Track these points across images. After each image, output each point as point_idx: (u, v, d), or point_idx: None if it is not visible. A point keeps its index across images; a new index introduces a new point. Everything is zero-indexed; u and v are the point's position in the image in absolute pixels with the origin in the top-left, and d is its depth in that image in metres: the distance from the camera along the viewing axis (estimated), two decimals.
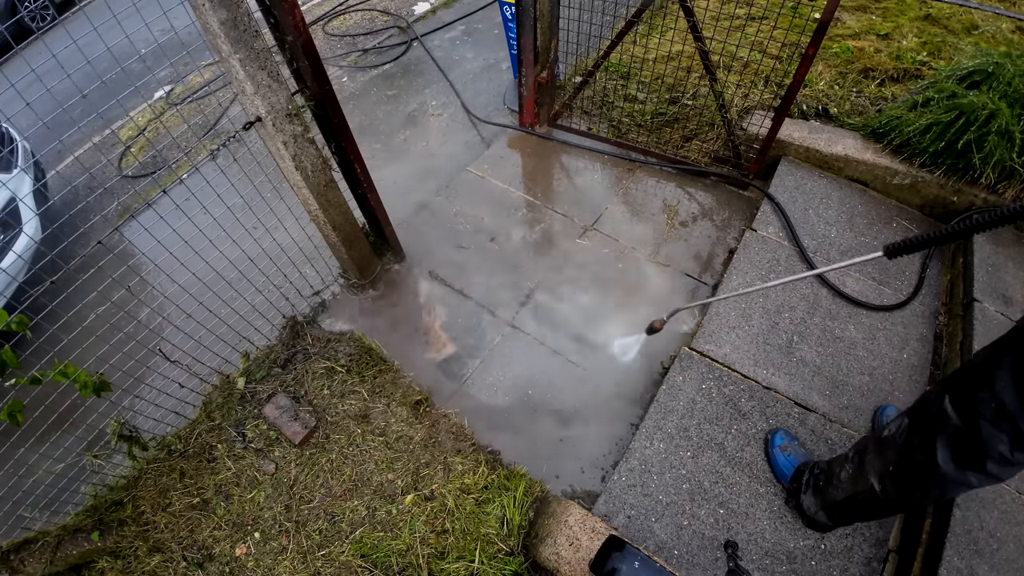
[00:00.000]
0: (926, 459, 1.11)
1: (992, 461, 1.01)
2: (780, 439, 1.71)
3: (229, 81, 1.54)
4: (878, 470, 1.26)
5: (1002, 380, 0.97)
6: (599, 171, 2.87)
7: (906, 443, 1.18)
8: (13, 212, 2.76)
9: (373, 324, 2.30)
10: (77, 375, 1.45)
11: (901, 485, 1.20)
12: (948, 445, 1.07)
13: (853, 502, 1.36)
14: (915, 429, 1.16)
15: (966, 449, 1.05)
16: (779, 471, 1.67)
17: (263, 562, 1.71)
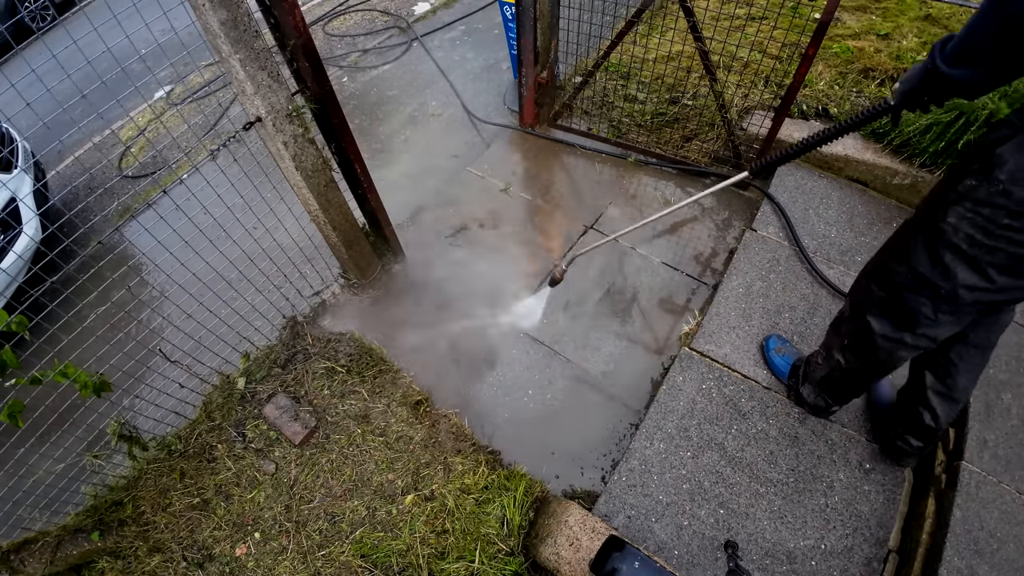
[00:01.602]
0: (866, 330, 1.32)
1: (920, 324, 1.20)
2: (774, 342, 1.90)
3: (229, 81, 1.54)
4: (839, 346, 1.48)
5: (915, 250, 1.15)
6: (599, 171, 2.87)
7: (850, 317, 1.40)
8: (13, 212, 2.76)
9: (373, 324, 2.30)
10: (77, 375, 1.45)
11: (857, 355, 1.41)
12: (879, 315, 1.29)
13: (831, 379, 1.56)
14: (853, 305, 1.39)
15: (896, 315, 1.25)
16: (778, 371, 1.85)
17: (263, 562, 1.71)
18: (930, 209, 1.12)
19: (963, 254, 1.06)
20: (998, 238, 1.00)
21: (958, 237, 1.05)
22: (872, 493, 1.62)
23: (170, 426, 1.98)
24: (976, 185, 1.02)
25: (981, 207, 1.01)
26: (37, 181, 3.10)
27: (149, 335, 1.80)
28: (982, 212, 1.00)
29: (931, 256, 1.11)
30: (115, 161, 3.68)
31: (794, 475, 1.67)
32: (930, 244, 1.11)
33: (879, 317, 1.29)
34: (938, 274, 1.11)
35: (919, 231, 1.14)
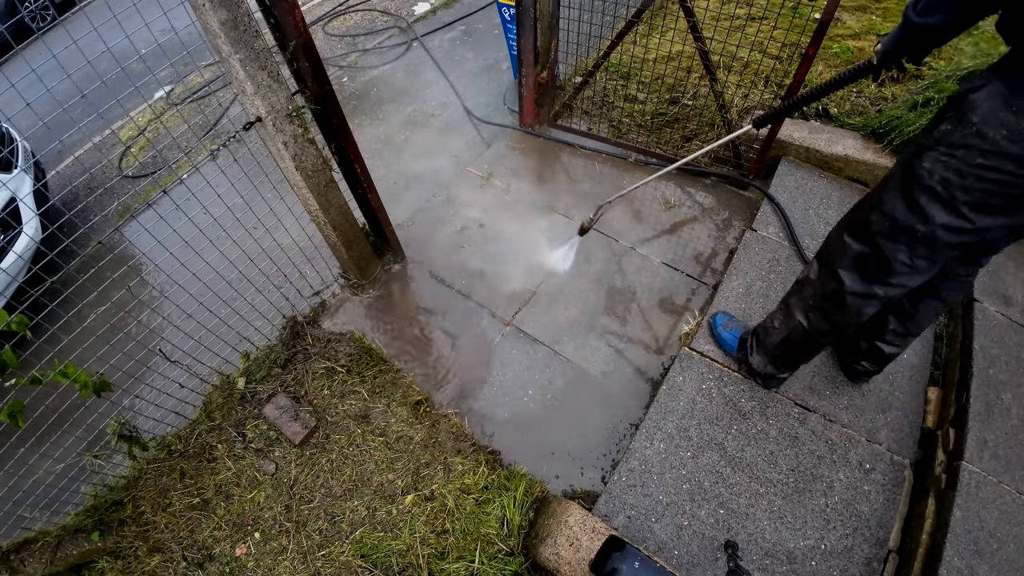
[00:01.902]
0: (837, 285, 1.36)
1: (895, 272, 1.26)
2: (721, 318, 1.97)
3: (229, 81, 1.54)
4: (802, 308, 1.51)
5: (890, 199, 1.21)
6: (599, 171, 2.87)
7: (818, 277, 1.43)
8: (13, 212, 2.76)
9: (373, 324, 2.30)
10: (77, 375, 1.45)
11: (823, 313, 1.45)
12: (851, 268, 1.33)
13: (789, 342, 1.60)
14: (823, 264, 1.42)
15: (869, 266, 1.29)
16: (727, 345, 1.92)
17: (263, 562, 1.71)
18: (906, 159, 1.19)
19: (938, 196, 1.12)
20: (971, 177, 1.06)
21: (933, 180, 1.12)
22: (872, 493, 1.62)
23: (170, 426, 1.98)
24: (951, 129, 1.09)
25: (955, 149, 1.07)
26: (37, 181, 3.10)
27: (149, 335, 1.79)
28: (956, 154, 1.07)
29: (907, 201, 1.17)
30: (115, 161, 3.68)
31: (794, 475, 1.67)
32: (906, 190, 1.17)
33: (850, 271, 1.33)
34: (915, 217, 1.17)
35: (894, 181, 1.21)
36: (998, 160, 1.03)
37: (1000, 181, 1.05)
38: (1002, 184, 1.05)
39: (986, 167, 1.05)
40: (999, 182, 1.05)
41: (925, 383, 1.86)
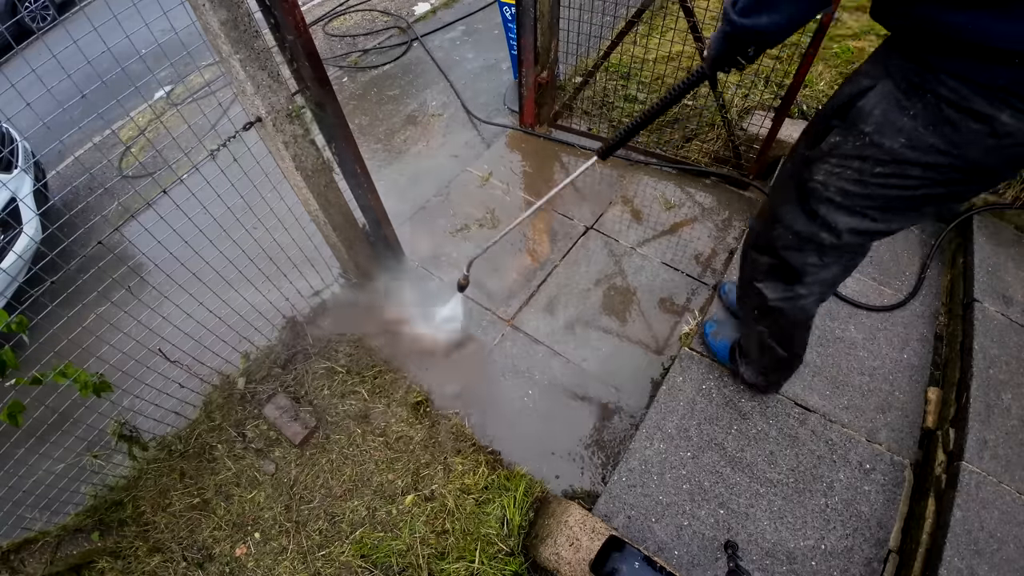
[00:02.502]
0: (760, 298, 1.36)
1: (808, 274, 1.23)
2: (711, 326, 1.93)
3: (229, 81, 1.54)
4: (752, 319, 1.50)
5: (788, 214, 1.16)
6: (599, 171, 2.87)
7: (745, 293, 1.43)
8: (13, 212, 2.76)
9: (373, 324, 2.30)
10: (77, 375, 1.45)
11: (773, 323, 1.44)
12: (767, 280, 1.31)
13: (768, 357, 1.57)
14: (744, 283, 1.41)
15: (784, 274, 1.27)
16: (718, 354, 1.87)
17: (263, 562, 1.71)
18: (794, 171, 1.14)
19: (838, 204, 1.06)
20: (873, 186, 1.00)
21: (830, 192, 1.06)
22: (872, 493, 1.62)
23: (170, 426, 1.98)
24: (841, 141, 1.01)
25: (849, 161, 1.00)
26: (37, 181, 3.10)
27: (149, 335, 1.79)
28: (851, 166, 1.00)
29: (807, 213, 1.12)
30: (115, 161, 3.68)
31: (794, 475, 1.67)
32: (803, 203, 1.12)
33: (767, 282, 1.31)
34: (817, 227, 1.12)
35: (787, 194, 1.15)
36: (900, 168, 0.96)
37: (907, 186, 0.98)
38: (911, 188, 0.98)
39: (888, 175, 0.97)
40: (906, 187, 0.98)
41: (925, 383, 1.86)
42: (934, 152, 0.91)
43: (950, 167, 0.92)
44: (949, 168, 0.93)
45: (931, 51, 0.87)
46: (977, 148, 0.88)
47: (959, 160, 0.91)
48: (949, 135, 0.89)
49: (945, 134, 0.89)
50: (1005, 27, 0.77)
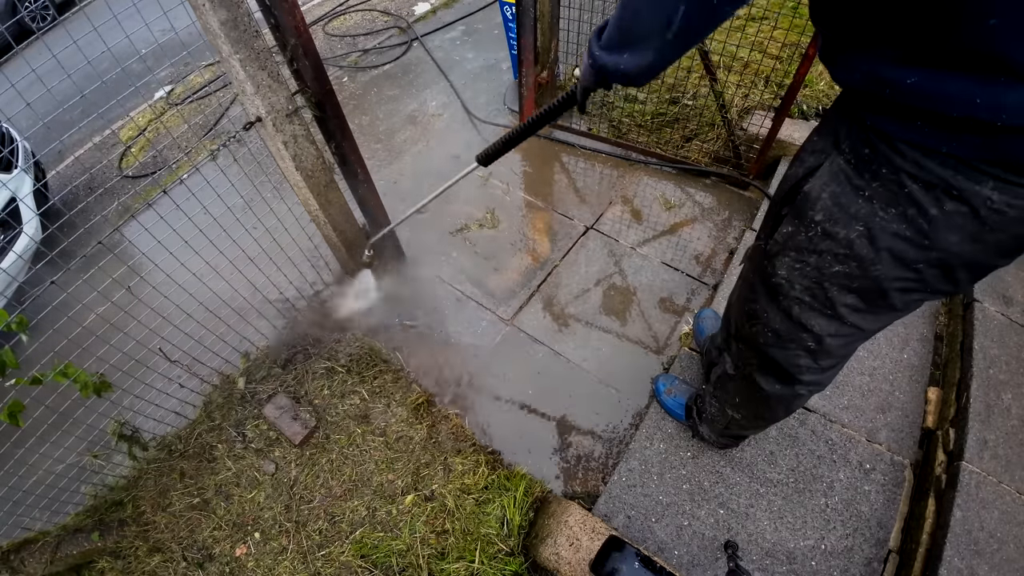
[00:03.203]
0: (756, 389, 1.16)
1: (804, 372, 1.03)
2: (663, 384, 1.84)
3: (229, 81, 1.54)
4: (730, 403, 1.35)
5: (765, 312, 0.99)
6: (599, 171, 2.87)
7: (735, 377, 1.24)
8: (13, 212, 2.76)
9: (373, 324, 2.30)
10: (77, 375, 1.45)
11: (752, 410, 1.29)
12: (764, 373, 1.12)
13: (730, 429, 1.48)
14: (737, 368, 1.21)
15: (780, 372, 1.07)
16: (673, 414, 1.79)
17: (263, 562, 1.71)
18: (757, 265, 0.98)
19: (810, 305, 0.89)
20: (836, 287, 0.83)
21: (796, 290, 0.89)
22: (872, 493, 1.62)
23: (170, 426, 1.98)
24: (793, 232, 0.85)
25: (806, 255, 0.84)
26: (37, 181, 3.10)
27: (149, 335, 1.79)
28: (809, 261, 0.84)
29: (783, 312, 0.95)
30: (115, 161, 3.68)
31: (794, 475, 1.67)
32: (774, 301, 0.95)
33: (765, 375, 1.12)
34: (797, 329, 0.94)
35: (756, 291, 0.99)
36: (862, 264, 0.77)
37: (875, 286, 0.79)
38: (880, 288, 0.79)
39: (849, 275, 0.80)
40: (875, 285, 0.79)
41: (925, 383, 1.86)
42: (901, 241, 0.72)
43: (923, 260, 0.73)
44: (923, 261, 0.73)
45: (883, 114, 0.69)
46: (955, 234, 0.68)
47: (933, 250, 0.71)
48: (916, 219, 0.69)
49: (911, 218, 0.70)
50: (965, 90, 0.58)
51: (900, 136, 0.68)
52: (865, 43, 0.66)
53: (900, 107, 0.66)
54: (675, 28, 0.70)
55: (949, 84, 0.59)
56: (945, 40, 0.57)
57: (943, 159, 0.65)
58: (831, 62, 0.75)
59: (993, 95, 0.57)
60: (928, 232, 0.69)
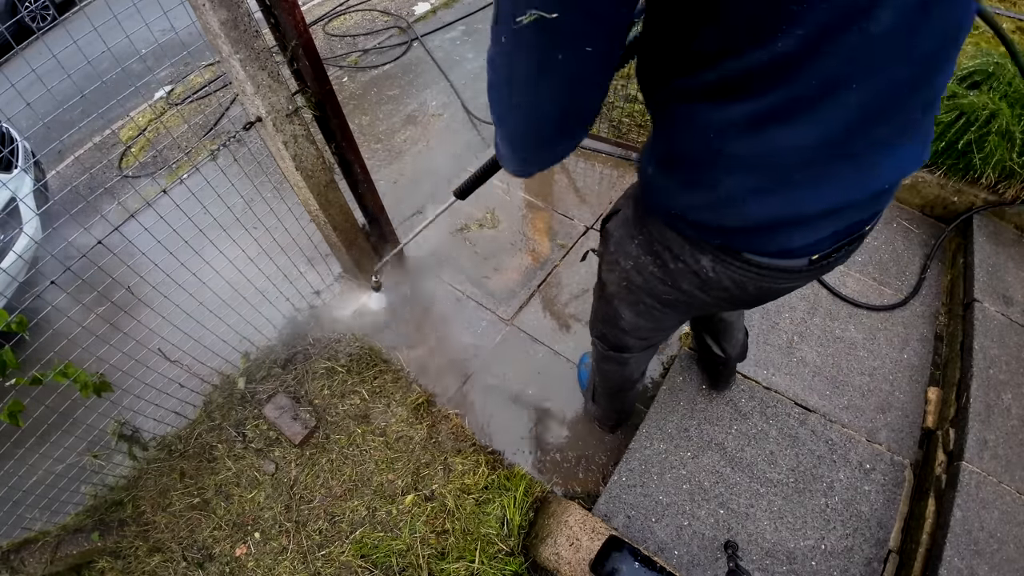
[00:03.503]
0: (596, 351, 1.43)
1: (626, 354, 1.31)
2: (586, 358, 2.01)
3: (229, 81, 1.54)
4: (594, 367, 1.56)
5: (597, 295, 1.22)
6: (599, 171, 2.87)
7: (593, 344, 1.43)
8: (13, 212, 2.76)
9: (373, 324, 2.30)
10: (77, 375, 1.45)
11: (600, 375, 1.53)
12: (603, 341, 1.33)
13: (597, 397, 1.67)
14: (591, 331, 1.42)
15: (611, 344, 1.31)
16: (582, 386, 1.97)
17: (263, 562, 1.71)
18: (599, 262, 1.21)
19: (621, 298, 1.10)
20: (631, 291, 1.04)
21: (611, 288, 1.11)
22: (872, 493, 1.62)
23: (170, 426, 1.98)
24: (603, 251, 1.09)
25: (612, 269, 1.05)
26: (37, 181, 3.10)
27: (149, 335, 1.79)
28: (613, 273, 1.06)
29: (605, 300, 1.17)
30: (115, 161, 3.68)
31: (794, 475, 1.67)
32: (603, 292, 1.17)
33: (600, 341, 1.35)
34: (615, 314, 1.17)
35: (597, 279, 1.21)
36: (635, 289, 1.01)
37: (646, 305, 1.04)
38: (648, 307, 1.04)
39: (629, 291, 1.03)
40: (645, 306, 1.04)
41: (925, 383, 1.87)
42: (654, 280, 0.95)
43: (671, 296, 0.96)
44: (672, 295, 0.96)
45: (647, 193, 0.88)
46: (688, 283, 0.90)
47: (676, 290, 0.93)
48: (663, 266, 0.91)
49: (660, 264, 0.91)
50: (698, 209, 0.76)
51: (651, 211, 0.88)
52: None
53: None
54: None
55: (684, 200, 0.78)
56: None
57: (677, 234, 0.84)
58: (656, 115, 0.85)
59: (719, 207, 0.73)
60: (670, 275, 0.91)
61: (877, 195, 0.71)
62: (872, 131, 0.63)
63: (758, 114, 0.62)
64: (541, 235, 2.59)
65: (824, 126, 0.61)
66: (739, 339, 1.60)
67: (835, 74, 0.57)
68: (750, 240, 0.77)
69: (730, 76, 0.61)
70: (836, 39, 0.54)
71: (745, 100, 0.62)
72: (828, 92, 0.59)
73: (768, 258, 0.78)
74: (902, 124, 0.66)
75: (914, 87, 0.62)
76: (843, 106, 0.60)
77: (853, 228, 0.77)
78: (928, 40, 0.57)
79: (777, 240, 0.75)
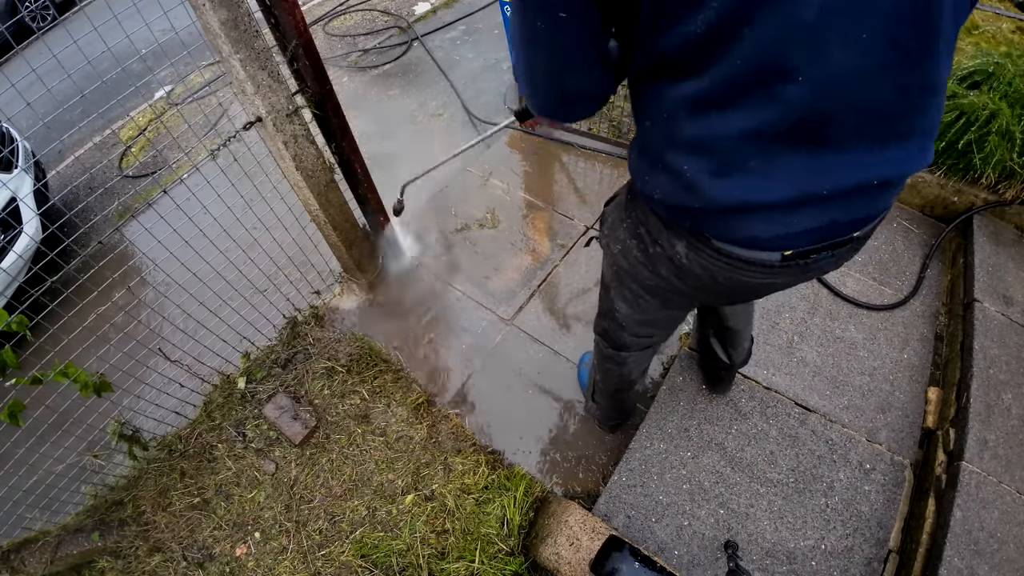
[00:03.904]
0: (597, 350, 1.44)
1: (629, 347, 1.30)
2: (587, 357, 2.01)
3: (230, 81, 1.54)
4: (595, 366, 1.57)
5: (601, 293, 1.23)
6: (599, 171, 2.87)
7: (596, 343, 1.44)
8: (13, 212, 2.76)
9: (373, 324, 2.30)
10: (77, 375, 1.45)
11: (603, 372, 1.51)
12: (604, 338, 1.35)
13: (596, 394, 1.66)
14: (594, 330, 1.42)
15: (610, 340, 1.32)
16: (582, 385, 1.96)
17: (263, 562, 1.71)
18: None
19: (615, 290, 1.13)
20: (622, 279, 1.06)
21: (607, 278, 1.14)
22: (872, 493, 1.62)
23: (170, 426, 1.98)
24: (600, 236, 1.10)
25: (607, 255, 1.07)
26: (37, 181, 3.10)
27: (149, 335, 1.79)
28: (607, 260, 1.09)
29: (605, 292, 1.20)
30: (115, 161, 3.68)
31: (794, 475, 1.67)
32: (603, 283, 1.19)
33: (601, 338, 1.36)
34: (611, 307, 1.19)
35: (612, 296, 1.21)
36: (622, 273, 1.02)
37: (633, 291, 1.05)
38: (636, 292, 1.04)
39: (621, 275, 1.04)
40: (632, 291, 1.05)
41: (925, 383, 1.86)
42: (638, 264, 0.96)
43: (652, 282, 0.97)
44: (653, 281, 0.97)
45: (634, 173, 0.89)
46: (665, 269, 0.91)
47: (656, 275, 0.94)
48: (644, 250, 0.93)
49: (642, 248, 0.93)
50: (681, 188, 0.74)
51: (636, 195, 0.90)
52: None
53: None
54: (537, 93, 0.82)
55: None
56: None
57: (657, 218, 0.86)
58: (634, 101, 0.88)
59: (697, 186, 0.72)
60: (650, 260, 0.93)
61: (847, 193, 0.68)
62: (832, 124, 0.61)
63: (701, 94, 0.62)
64: (541, 235, 2.59)
65: (765, 113, 0.60)
66: (745, 347, 1.59)
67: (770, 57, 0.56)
68: (716, 225, 0.76)
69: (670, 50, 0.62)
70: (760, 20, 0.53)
71: (688, 79, 0.62)
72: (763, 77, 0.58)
73: (737, 247, 0.77)
74: (875, 120, 0.63)
75: (881, 80, 0.59)
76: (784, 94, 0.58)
77: (837, 230, 0.75)
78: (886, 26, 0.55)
79: (742, 227, 0.74)
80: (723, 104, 0.62)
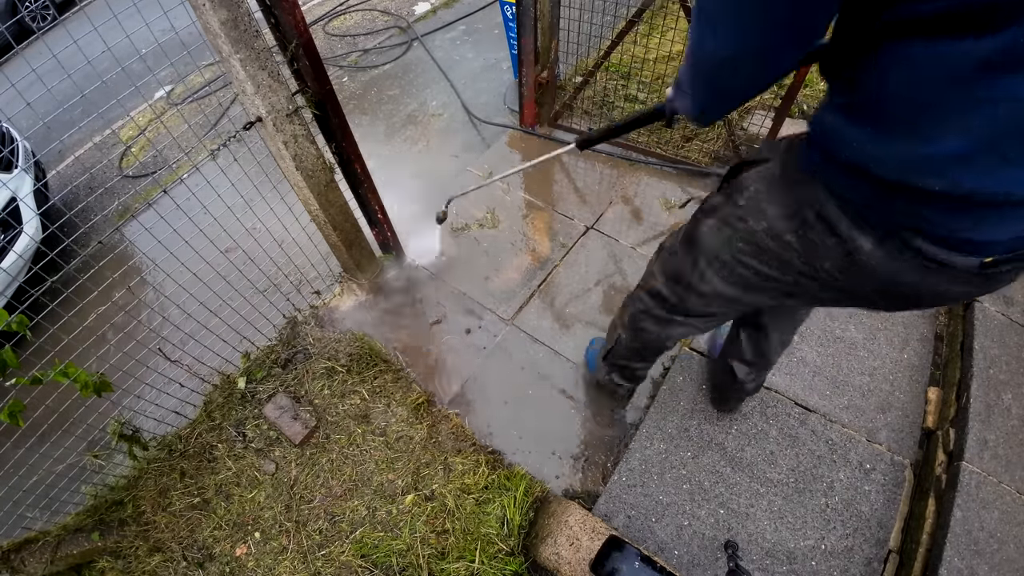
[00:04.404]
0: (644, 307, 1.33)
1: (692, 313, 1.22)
2: (594, 341, 2.02)
3: (230, 81, 1.54)
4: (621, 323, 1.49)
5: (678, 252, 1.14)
6: (599, 171, 2.87)
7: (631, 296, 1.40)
8: (13, 212, 2.76)
9: (374, 324, 2.30)
10: (77, 375, 1.45)
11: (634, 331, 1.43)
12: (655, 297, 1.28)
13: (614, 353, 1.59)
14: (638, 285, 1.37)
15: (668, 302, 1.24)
16: (590, 366, 1.96)
17: (263, 562, 1.71)
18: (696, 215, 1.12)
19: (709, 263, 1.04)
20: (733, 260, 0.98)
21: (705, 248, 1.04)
22: (872, 493, 1.62)
23: (170, 426, 1.98)
24: (722, 203, 0.99)
25: (723, 226, 0.98)
26: (37, 181, 3.10)
27: (149, 335, 1.79)
28: (723, 231, 0.98)
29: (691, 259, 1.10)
30: (115, 161, 3.68)
31: (794, 475, 1.67)
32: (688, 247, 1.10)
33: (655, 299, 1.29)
34: (695, 275, 1.10)
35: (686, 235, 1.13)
36: (758, 253, 0.91)
37: (762, 273, 0.94)
38: (764, 276, 0.94)
39: (747, 253, 0.94)
40: (760, 273, 0.94)
41: (925, 383, 1.86)
42: (789, 250, 0.85)
43: (801, 273, 0.87)
44: (800, 273, 0.87)
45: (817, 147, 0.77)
46: (831, 263, 0.80)
47: (810, 268, 0.84)
48: (803, 237, 0.81)
49: (800, 235, 0.81)
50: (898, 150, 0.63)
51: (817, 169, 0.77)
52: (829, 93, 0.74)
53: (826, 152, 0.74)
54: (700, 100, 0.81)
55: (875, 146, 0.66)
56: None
57: (839, 203, 0.74)
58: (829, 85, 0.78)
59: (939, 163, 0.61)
60: (809, 250, 0.81)
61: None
62: None
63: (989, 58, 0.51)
64: (541, 235, 2.59)
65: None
66: (764, 377, 1.56)
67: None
68: (943, 218, 0.65)
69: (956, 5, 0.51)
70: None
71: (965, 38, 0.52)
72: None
73: (946, 250, 0.67)
74: None
75: None
76: None
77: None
78: None
79: (962, 221, 0.64)
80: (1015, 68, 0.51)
